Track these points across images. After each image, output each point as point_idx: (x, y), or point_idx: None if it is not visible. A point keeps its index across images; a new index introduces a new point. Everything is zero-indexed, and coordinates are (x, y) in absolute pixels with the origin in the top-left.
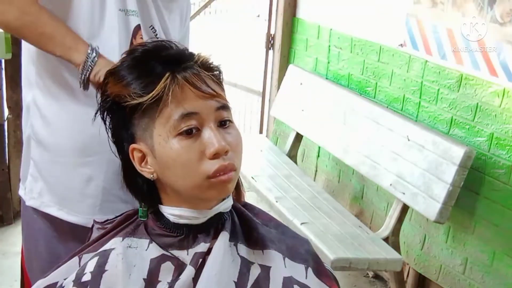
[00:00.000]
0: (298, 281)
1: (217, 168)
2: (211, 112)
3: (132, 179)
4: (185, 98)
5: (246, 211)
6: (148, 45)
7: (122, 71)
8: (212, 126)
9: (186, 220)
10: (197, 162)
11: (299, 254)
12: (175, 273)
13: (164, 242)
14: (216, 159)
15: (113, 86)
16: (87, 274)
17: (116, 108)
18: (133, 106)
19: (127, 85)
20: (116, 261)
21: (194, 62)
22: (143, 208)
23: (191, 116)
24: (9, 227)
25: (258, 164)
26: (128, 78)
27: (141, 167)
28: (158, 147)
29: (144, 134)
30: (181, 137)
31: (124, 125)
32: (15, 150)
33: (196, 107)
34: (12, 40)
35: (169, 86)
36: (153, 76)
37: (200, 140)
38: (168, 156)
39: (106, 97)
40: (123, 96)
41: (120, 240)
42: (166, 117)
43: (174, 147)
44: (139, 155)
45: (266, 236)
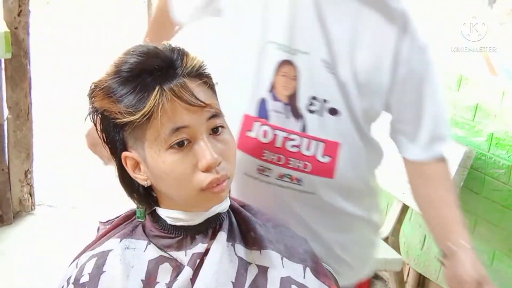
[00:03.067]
0: (296, 281)
1: (210, 181)
2: (202, 123)
3: (128, 181)
4: (175, 111)
5: (244, 211)
6: (136, 56)
7: (111, 86)
8: (204, 137)
9: (183, 222)
10: (190, 175)
11: (297, 254)
12: (173, 274)
13: (162, 244)
14: (209, 172)
15: (101, 101)
16: (85, 275)
17: (105, 117)
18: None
19: (117, 101)
20: (114, 262)
21: (181, 71)
22: (140, 209)
23: (182, 130)
24: (9, 227)
25: None
26: (117, 94)
27: (135, 173)
28: (151, 160)
29: (135, 144)
30: (173, 150)
31: (115, 132)
32: (15, 150)
33: (186, 120)
34: (12, 40)
35: (158, 102)
36: (143, 91)
37: (192, 152)
38: (160, 170)
39: (94, 108)
40: (113, 113)
41: (118, 241)
42: (156, 131)
43: (167, 161)
44: (132, 162)
45: (264, 236)
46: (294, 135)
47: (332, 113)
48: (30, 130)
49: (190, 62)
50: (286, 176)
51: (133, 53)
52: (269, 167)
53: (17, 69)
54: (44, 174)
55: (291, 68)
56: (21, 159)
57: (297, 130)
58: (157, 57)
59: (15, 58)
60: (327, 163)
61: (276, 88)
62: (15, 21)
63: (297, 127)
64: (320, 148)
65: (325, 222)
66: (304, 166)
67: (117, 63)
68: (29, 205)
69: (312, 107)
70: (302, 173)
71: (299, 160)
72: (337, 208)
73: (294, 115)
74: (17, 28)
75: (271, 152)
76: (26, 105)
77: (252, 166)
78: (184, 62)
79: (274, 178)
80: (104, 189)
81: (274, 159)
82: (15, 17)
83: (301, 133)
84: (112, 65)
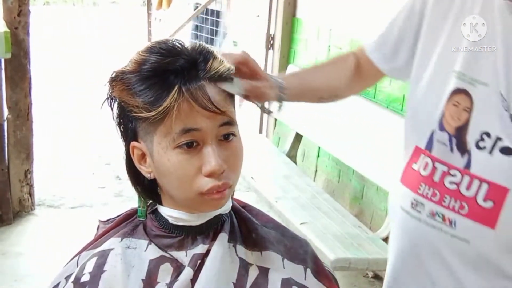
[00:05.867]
0: (297, 282)
1: (211, 187)
2: (214, 128)
3: (134, 171)
4: (189, 113)
5: (245, 212)
6: (158, 55)
7: (131, 79)
8: (213, 142)
9: (184, 222)
10: (192, 177)
11: (298, 255)
12: (174, 274)
13: (162, 243)
14: (211, 178)
15: (120, 92)
16: (86, 275)
17: (122, 106)
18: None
19: (135, 95)
20: (115, 261)
21: (204, 73)
22: (141, 208)
23: (192, 132)
24: (9, 227)
25: (258, 164)
26: (137, 89)
27: (140, 164)
28: (157, 155)
29: (145, 136)
30: (180, 150)
31: (128, 121)
32: (15, 150)
33: (198, 123)
34: (12, 40)
35: (175, 102)
36: (162, 89)
37: (199, 155)
38: (164, 167)
39: (112, 96)
40: (129, 106)
41: (118, 241)
42: (167, 128)
43: (172, 159)
44: (139, 153)
45: (265, 237)
46: (455, 170)
47: (505, 153)
48: (30, 130)
49: (215, 66)
50: (438, 215)
51: (156, 51)
52: (422, 202)
53: (17, 69)
54: (44, 174)
55: (464, 98)
56: (21, 159)
57: (459, 166)
58: (180, 57)
59: (15, 58)
60: (489, 209)
61: (445, 118)
62: (15, 21)
63: (461, 163)
64: (482, 190)
65: (477, 278)
66: (460, 207)
67: (138, 60)
68: (29, 205)
69: (482, 143)
70: (457, 214)
71: (455, 200)
72: (494, 265)
73: (459, 149)
74: (17, 28)
75: (427, 186)
76: (26, 105)
77: (407, 199)
78: (208, 65)
79: (425, 215)
80: (104, 189)
81: (428, 194)
82: (15, 17)
83: (464, 170)
84: (134, 61)
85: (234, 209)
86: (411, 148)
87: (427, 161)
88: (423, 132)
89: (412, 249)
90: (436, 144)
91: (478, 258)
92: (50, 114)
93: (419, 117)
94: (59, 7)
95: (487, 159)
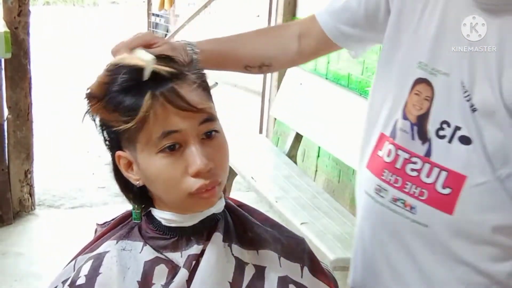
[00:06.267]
0: (294, 281)
1: (199, 187)
2: (194, 128)
3: (122, 179)
4: (166, 116)
5: (241, 210)
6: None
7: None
8: (196, 141)
9: (177, 223)
10: (179, 179)
11: (294, 253)
12: (169, 275)
13: (157, 245)
14: (199, 177)
15: (96, 109)
16: (82, 278)
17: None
18: None
19: (111, 110)
20: (110, 264)
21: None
22: (136, 211)
23: (173, 134)
24: (9, 227)
25: (258, 164)
26: (111, 104)
27: (128, 173)
28: (142, 162)
29: (128, 145)
30: (163, 154)
31: (110, 131)
32: (15, 150)
33: (177, 124)
34: (12, 40)
35: (150, 107)
36: (135, 98)
37: (183, 157)
38: (150, 172)
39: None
40: (108, 121)
41: (114, 243)
42: (148, 135)
43: (156, 164)
44: (125, 162)
45: (261, 236)
46: (416, 158)
47: (463, 142)
48: (30, 130)
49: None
50: (400, 201)
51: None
52: (385, 188)
53: (17, 69)
54: (44, 174)
55: (426, 88)
56: (21, 159)
57: (420, 154)
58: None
59: (15, 58)
60: (447, 196)
61: (407, 107)
62: (15, 21)
63: (422, 151)
64: (441, 178)
65: (436, 261)
66: (420, 194)
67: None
68: (29, 205)
69: (442, 131)
70: (417, 200)
71: (416, 186)
72: (450, 250)
73: (420, 138)
74: (17, 28)
75: (390, 172)
76: (26, 105)
77: (372, 184)
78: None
79: (388, 200)
80: (104, 189)
81: (391, 180)
82: (15, 17)
83: (424, 157)
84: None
85: (229, 208)
86: (376, 134)
87: (390, 148)
88: (388, 120)
89: (374, 233)
90: (399, 132)
91: (436, 243)
92: (50, 114)
93: (386, 104)
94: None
95: (447, 147)
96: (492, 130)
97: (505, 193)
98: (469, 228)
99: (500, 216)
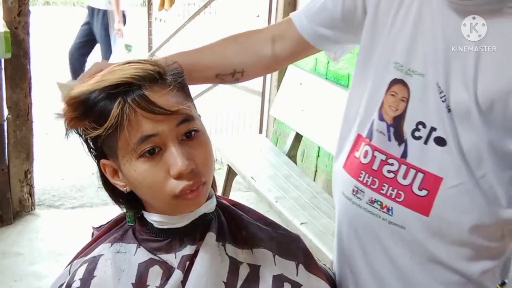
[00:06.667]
0: (289, 279)
1: (183, 188)
2: (172, 129)
3: (110, 186)
4: (139, 121)
5: (235, 209)
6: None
7: (76, 105)
8: (175, 143)
9: (169, 225)
10: (162, 183)
11: (289, 251)
12: (164, 277)
13: (151, 247)
14: (181, 179)
15: (69, 120)
16: (77, 281)
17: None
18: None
19: (82, 118)
20: (105, 267)
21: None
22: (129, 214)
23: (150, 139)
24: (9, 227)
25: (257, 164)
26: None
27: (114, 180)
28: (124, 169)
29: (110, 153)
30: (143, 159)
31: (91, 141)
32: (15, 150)
33: (152, 129)
34: (12, 40)
35: (122, 114)
36: (106, 105)
37: (164, 159)
38: (133, 178)
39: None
40: (82, 129)
41: (109, 246)
42: (125, 141)
43: (138, 169)
44: (110, 169)
45: (256, 235)
46: (392, 159)
47: (439, 143)
48: (30, 130)
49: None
50: (377, 202)
51: (93, 86)
52: (362, 190)
53: (17, 69)
54: (44, 174)
55: (402, 88)
56: (21, 159)
57: (397, 155)
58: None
59: (15, 58)
60: (423, 197)
61: (383, 108)
62: (15, 21)
63: (398, 152)
64: (418, 179)
65: (413, 262)
66: (397, 195)
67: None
68: (29, 205)
69: (417, 133)
70: (394, 202)
71: (392, 188)
72: (427, 250)
73: (396, 139)
74: (17, 28)
75: (367, 173)
76: (26, 105)
77: (349, 186)
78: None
79: (365, 202)
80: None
81: (368, 182)
82: (15, 17)
83: (401, 159)
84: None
85: (223, 207)
86: (353, 135)
87: (367, 150)
88: (366, 121)
89: (352, 234)
90: (375, 133)
91: (413, 244)
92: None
93: (363, 105)
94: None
95: (422, 148)
96: (466, 131)
97: (480, 194)
98: (446, 229)
99: (476, 217)
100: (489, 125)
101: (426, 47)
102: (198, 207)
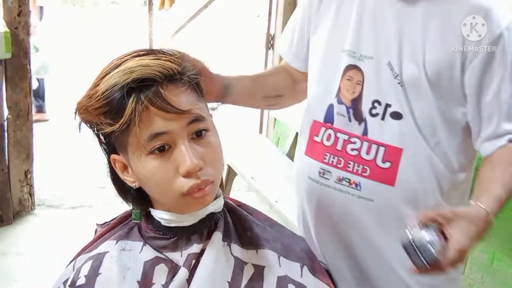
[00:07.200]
0: (293, 280)
1: (191, 186)
2: (183, 128)
3: (120, 182)
4: (152, 119)
5: (240, 210)
6: (112, 77)
7: (91, 100)
8: (185, 141)
9: (176, 223)
10: (171, 180)
11: (294, 252)
12: (169, 275)
13: (157, 245)
14: (190, 177)
15: (83, 114)
16: (82, 278)
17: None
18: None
19: (98, 113)
20: (110, 264)
21: (159, 78)
22: (135, 211)
23: (160, 136)
24: (9, 227)
25: (258, 164)
26: (96, 106)
27: (123, 175)
28: (134, 165)
29: (121, 148)
30: (153, 156)
31: (103, 137)
32: (15, 150)
33: (163, 126)
34: (12, 40)
35: (135, 110)
36: (121, 101)
37: (173, 157)
38: (142, 175)
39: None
40: (96, 124)
41: (114, 243)
42: (136, 137)
43: (147, 166)
44: (121, 165)
45: (261, 235)
46: (354, 138)
47: (395, 117)
48: (30, 130)
49: (167, 69)
50: (345, 180)
51: (110, 73)
52: (329, 170)
53: (17, 69)
54: (44, 174)
55: (356, 73)
56: (21, 159)
57: (358, 133)
58: (132, 72)
59: (15, 58)
60: (387, 169)
61: (341, 92)
62: (15, 21)
63: (359, 130)
64: (380, 153)
65: (385, 232)
66: (363, 171)
67: (95, 83)
68: (29, 205)
69: (374, 110)
70: (361, 177)
71: (358, 164)
72: (397, 218)
73: (356, 119)
74: (17, 28)
75: (332, 154)
76: (26, 105)
77: (315, 169)
78: (162, 69)
79: (333, 181)
80: (104, 189)
81: (334, 162)
82: (15, 17)
83: (362, 136)
84: (91, 86)
85: (229, 207)
86: (309, 123)
87: (329, 133)
88: (321, 107)
89: (325, 214)
90: (336, 116)
91: (383, 214)
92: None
93: (317, 95)
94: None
95: (380, 124)
96: (419, 103)
97: (438, 160)
98: (414, 197)
99: (437, 182)
100: (439, 95)
101: (375, 32)
102: (205, 206)
